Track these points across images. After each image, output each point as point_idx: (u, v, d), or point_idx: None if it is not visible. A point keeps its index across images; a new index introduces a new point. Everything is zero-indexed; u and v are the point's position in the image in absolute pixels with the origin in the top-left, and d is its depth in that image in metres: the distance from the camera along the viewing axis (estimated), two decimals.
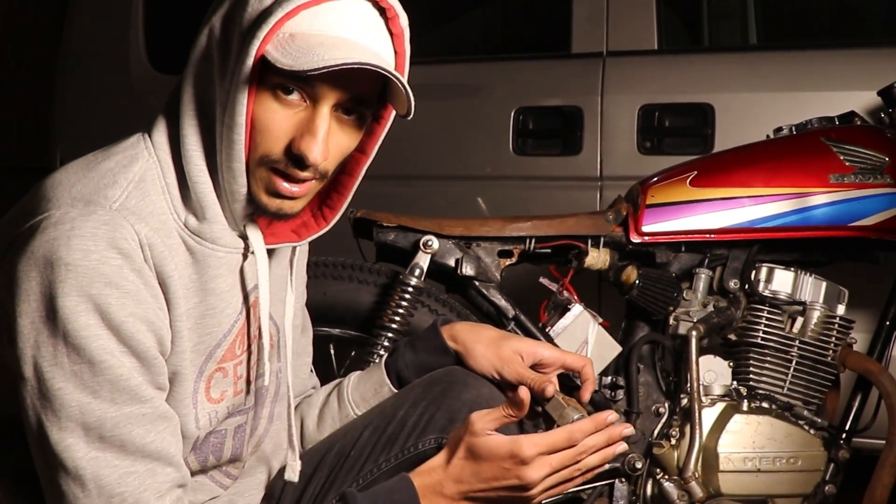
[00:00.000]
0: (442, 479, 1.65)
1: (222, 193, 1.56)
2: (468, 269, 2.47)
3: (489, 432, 1.64)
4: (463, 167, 3.36)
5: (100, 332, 1.45)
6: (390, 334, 2.40)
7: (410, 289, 2.42)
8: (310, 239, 1.70)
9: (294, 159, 1.52)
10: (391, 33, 1.56)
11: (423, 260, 2.44)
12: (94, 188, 1.50)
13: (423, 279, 2.43)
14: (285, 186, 1.54)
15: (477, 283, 2.50)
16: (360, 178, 1.67)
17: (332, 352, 2.60)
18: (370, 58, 1.48)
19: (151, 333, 1.50)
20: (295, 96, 1.51)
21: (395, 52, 1.58)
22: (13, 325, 1.46)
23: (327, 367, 2.55)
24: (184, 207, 1.56)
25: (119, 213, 1.48)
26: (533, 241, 2.52)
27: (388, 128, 1.64)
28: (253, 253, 1.62)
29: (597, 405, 2.41)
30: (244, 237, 1.61)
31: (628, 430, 1.70)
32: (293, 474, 1.79)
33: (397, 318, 2.41)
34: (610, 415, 1.68)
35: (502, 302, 2.50)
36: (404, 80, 1.52)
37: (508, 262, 2.53)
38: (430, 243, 2.44)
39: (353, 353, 2.59)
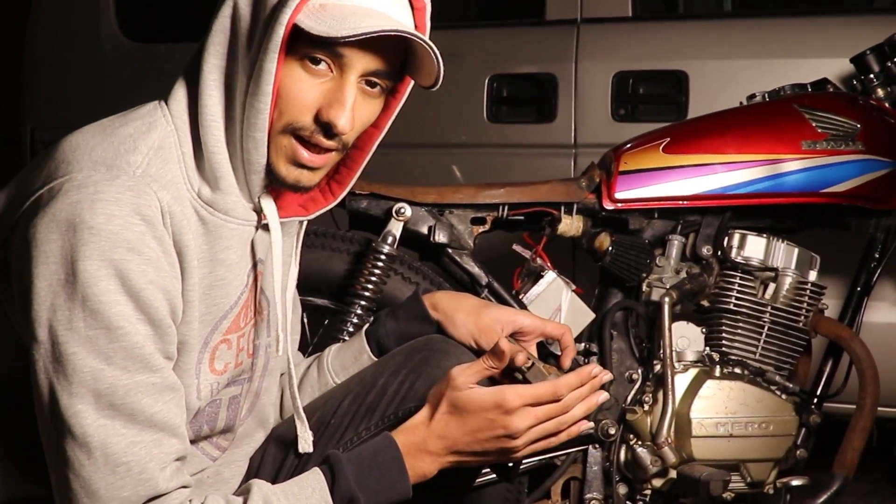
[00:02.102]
0: (426, 436, 1.64)
1: (238, 165, 1.57)
2: (441, 237, 2.47)
3: (471, 385, 1.64)
4: (437, 135, 3.35)
5: (118, 298, 1.45)
6: (363, 302, 2.40)
7: (383, 256, 2.41)
8: (318, 213, 1.71)
9: (322, 127, 1.54)
10: (412, 7, 1.59)
11: (395, 227, 2.43)
12: (116, 153, 1.49)
13: (395, 247, 2.43)
14: (306, 156, 1.56)
15: (450, 251, 2.49)
16: (370, 153, 1.68)
17: (305, 320, 2.60)
18: (402, 28, 1.51)
19: (167, 302, 1.50)
20: (322, 66, 1.52)
21: (416, 25, 1.60)
22: (29, 286, 1.45)
23: (300, 335, 2.54)
24: (198, 177, 1.56)
25: (142, 180, 1.48)
26: (506, 208, 2.52)
27: (402, 102, 1.66)
28: (265, 226, 1.63)
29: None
30: (257, 211, 1.62)
31: (607, 375, 1.71)
32: (307, 445, 1.79)
33: (370, 286, 2.40)
34: (594, 368, 1.69)
35: (475, 269, 2.50)
36: (435, 49, 1.54)
37: (481, 229, 2.53)
38: (402, 211, 2.43)
39: (325, 322, 2.58)
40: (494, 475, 2.30)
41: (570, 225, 2.50)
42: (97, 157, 1.48)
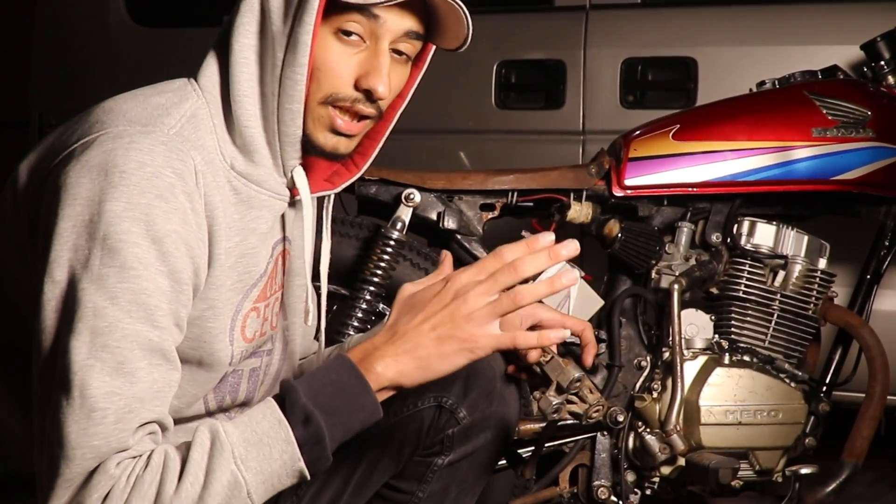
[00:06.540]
0: (376, 343, 1.54)
1: (273, 138, 1.59)
2: (450, 223, 2.46)
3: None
4: (445, 121, 3.35)
5: (140, 242, 1.44)
6: (372, 288, 2.39)
7: (392, 242, 2.41)
8: (343, 186, 1.73)
9: (364, 94, 1.57)
10: None
11: (404, 213, 2.43)
12: (150, 115, 1.52)
13: (405, 232, 2.43)
14: (344, 125, 1.59)
15: (459, 237, 2.49)
16: (393, 122, 1.71)
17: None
18: None
19: (189, 259, 1.49)
20: (355, 38, 1.56)
21: None
22: (53, 227, 1.45)
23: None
24: (231, 149, 1.58)
25: (176, 139, 1.50)
26: (515, 194, 2.52)
27: (424, 70, 1.68)
28: (299, 200, 1.65)
29: (579, 361, 2.40)
30: (289, 187, 1.64)
31: (573, 244, 1.54)
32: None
33: (379, 272, 2.40)
34: (545, 236, 1.55)
35: (484, 255, 2.49)
36: (463, 6, 1.56)
37: (491, 215, 2.53)
38: (412, 196, 2.43)
39: (334, 307, 2.58)
40: (505, 462, 2.31)
41: (580, 211, 2.50)
42: (132, 118, 1.50)
